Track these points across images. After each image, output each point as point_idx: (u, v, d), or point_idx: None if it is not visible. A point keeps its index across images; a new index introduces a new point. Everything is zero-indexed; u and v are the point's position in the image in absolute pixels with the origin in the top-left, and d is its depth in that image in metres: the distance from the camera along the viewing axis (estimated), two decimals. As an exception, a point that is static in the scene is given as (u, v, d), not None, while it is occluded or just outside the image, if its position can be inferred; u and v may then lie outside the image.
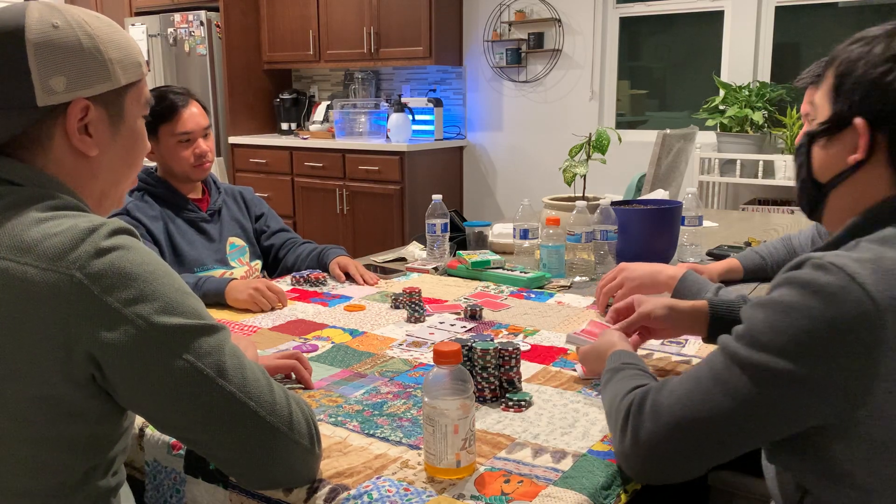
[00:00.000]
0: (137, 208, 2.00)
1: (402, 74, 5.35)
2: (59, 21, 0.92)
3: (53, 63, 0.91)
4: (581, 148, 2.25)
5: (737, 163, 4.01)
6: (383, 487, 0.99)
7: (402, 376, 1.38)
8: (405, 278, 2.13)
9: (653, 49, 4.63)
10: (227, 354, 0.92)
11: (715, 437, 0.93)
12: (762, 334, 0.89)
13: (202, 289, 1.85)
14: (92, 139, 0.96)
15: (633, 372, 1.12)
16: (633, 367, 1.13)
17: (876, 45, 0.95)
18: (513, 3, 4.78)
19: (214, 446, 0.93)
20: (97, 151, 0.96)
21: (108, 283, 0.85)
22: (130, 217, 1.97)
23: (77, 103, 0.93)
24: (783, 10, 4.11)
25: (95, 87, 0.94)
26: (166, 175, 2.09)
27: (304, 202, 5.18)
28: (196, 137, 2.05)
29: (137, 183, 2.06)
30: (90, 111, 0.94)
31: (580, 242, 2.05)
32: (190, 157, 2.04)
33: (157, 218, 2.02)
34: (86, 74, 0.93)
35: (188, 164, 2.05)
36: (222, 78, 5.37)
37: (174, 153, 2.04)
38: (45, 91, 0.91)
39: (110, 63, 0.95)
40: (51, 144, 0.94)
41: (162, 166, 2.09)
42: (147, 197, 2.04)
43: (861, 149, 0.96)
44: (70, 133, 0.94)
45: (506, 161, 5.04)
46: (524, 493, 0.97)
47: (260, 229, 2.26)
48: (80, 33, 0.93)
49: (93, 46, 0.94)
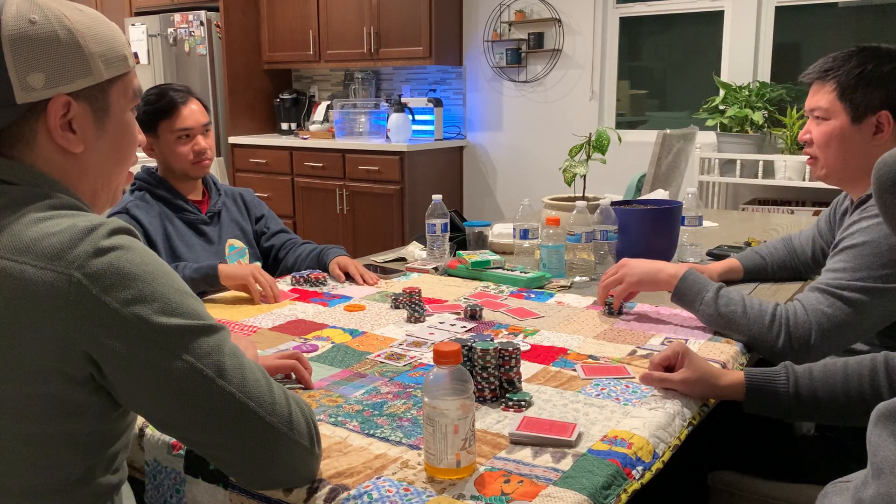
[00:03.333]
0: (137, 207, 2.00)
1: (402, 74, 5.35)
2: (36, 16, 0.90)
3: (30, 59, 0.89)
4: (581, 148, 2.25)
5: (737, 163, 4.01)
6: (383, 487, 0.99)
7: (402, 376, 1.38)
8: (405, 278, 2.13)
9: (653, 49, 4.63)
10: (227, 354, 0.92)
11: None
12: None
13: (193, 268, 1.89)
14: (76, 135, 0.94)
15: None
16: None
17: None
18: (513, 3, 4.78)
19: (214, 446, 0.93)
20: (82, 148, 0.95)
21: (107, 283, 0.85)
22: (129, 216, 1.97)
23: (57, 100, 0.91)
24: (783, 10, 4.11)
25: (76, 83, 0.92)
26: (166, 174, 2.10)
27: (304, 202, 5.18)
28: (195, 134, 2.06)
29: (137, 182, 2.07)
30: (72, 107, 0.92)
31: (580, 242, 2.05)
32: (189, 154, 2.05)
33: (155, 218, 2.02)
34: (65, 70, 0.91)
35: (187, 160, 2.05)
36: (222, 78, 5.37)
37: (173, 150, 2.04)
38: (24, 88, 0.89)
39: (91, 57, 0.93)
40: (36, 142, 0.93)
41: (162, 164, 2.10)
42: (147, 196, 2.05)
43: None
44: (52, 130, 0.92)
45: (506, 161, 5.04)
46: (524, 493, 0.97)
47: (260, 231, 2.26)
48: (57, 27, 0.91)
49: (71, 41, 0.91)
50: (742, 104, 3.95)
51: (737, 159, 3.99)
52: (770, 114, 4.00)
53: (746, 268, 1.96)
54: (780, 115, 3.98)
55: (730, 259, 1.99)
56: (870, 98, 1.50)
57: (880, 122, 1.51)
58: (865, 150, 1.53)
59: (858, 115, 1.51)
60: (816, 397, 1.24)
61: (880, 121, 1.51)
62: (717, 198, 4.22)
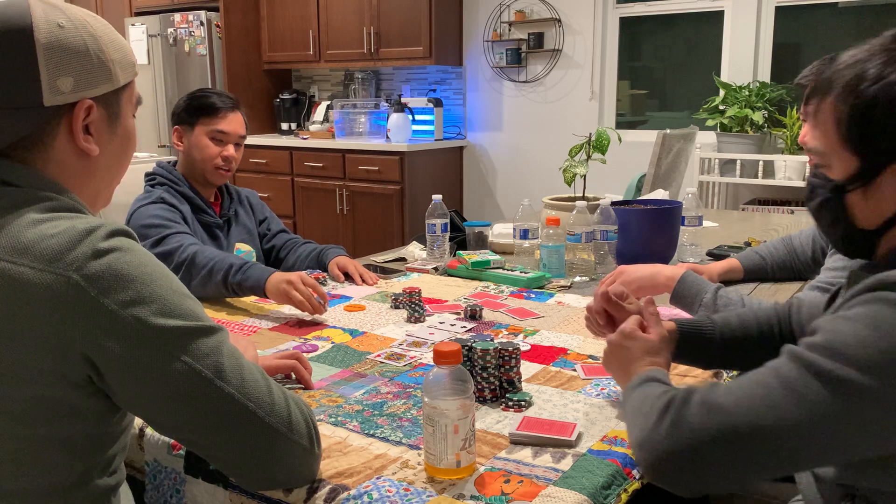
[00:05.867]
0: (172, 196, 2.00)
1: (402, 74, 5.35)
2: (63, 20, 0.92)
3: (62, 64, 0.91)
4: (581, 148, 2.25)
5: (737, 163, 4.01)
6: (383, 487, 0.99)
7: (402, 376, 1.38)
8: (405, 278, 2.13)
9: (653, 49, 4.63)
10: (226, 355, 0.92)
11: (774, 448, 0.83)
12: (848, 347, 0.82)
13: (244, 273, 1.77)
14: (93, 139, 0.96)
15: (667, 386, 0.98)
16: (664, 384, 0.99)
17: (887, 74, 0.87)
18: (513, 3, 4.78)
19: (214, 447, 0.93)
20: (99, 151, 0.97)
21: (106, 284, 0.85)
22: (166, 204, 1.97)
23: (82, 104, 0.94)
24: (783, 10, 4.11)
25: (99, 88, 0.95)
26: (186, 173, 2.10)
27: (304, 202, 5.18)
28: (229, 142, 2.08)
29: (157, 177, 2.06)
30: (93, 111, 0.95)
31: (580, 242, 2.05)
32: (217, 157, 2.06)
33: (186, 213, 2.02)
34: (91, 75, 0.94)
35: (212, 163, 2.06)
36: (222, 78, 5.37)
37: (204, 147, 2.05)
38: (52, 91, 0.91)
39: (112, 63, 0.96)
40: (53, 145, 0.94)
41: (185, 162, 2.10)
42: (173, 191, 2.04)
43: None
44: (75, 133, 0.94)
45: (506, 161, 5.04)
46: (524, 493, 0.97)
47: (262, 232, 2.27)
48: (84, 34, 0.93)
49: (97, 47, 0.94)
50: (742, 104, 3.95)
51: (737, 159, 3.99)
52: (770, 114, 4.00)
53: (746, 268, 1.96)
54: (780, 116, 3.98)
55: (729, 259, 1.99)
56: None
57: None
58: None
59: None
60: (737, 344, 1.22)
61: None
62: (717, 198, 4.22)
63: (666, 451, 0.86)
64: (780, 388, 0.84)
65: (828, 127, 0.94)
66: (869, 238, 0.95)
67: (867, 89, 0.89)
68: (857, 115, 0.90)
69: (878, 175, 0.91)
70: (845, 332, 0.84)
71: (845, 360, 0.82)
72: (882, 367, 0.80)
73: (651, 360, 1.05)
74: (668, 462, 0.86)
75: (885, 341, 0.81)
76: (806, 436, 0.82)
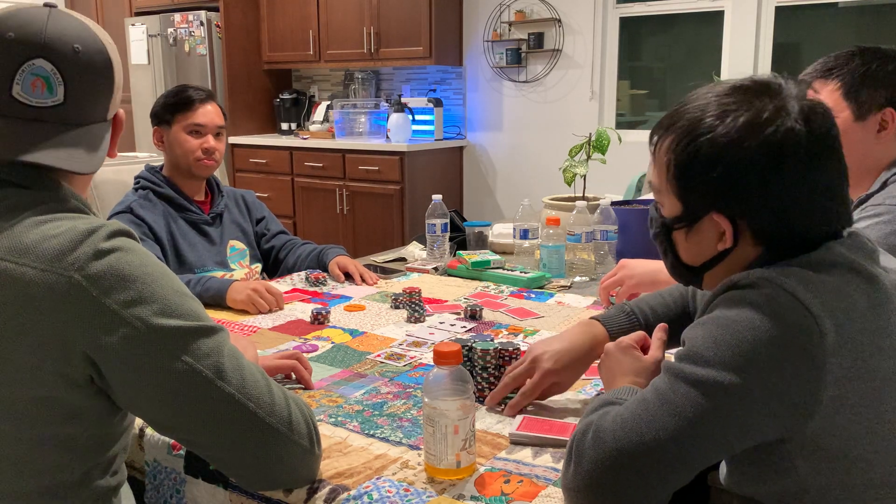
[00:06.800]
0: (141, 206, 2.00)
1: (402, 74, 5.35)
2: (107, 41, 0.98)
3: (120, 81, 1.00)
4: (581, 148, 2.25)
5: (737, 163, 4.00)
6: (383, 488, 0.99)
7: (402, 376, 1.38)
8: (405, 278, 2.13)
9: (653, 49, 4.63)
10: (226, 356, 0.92)
11: (662, 460, 0.87)
12: (706, 350, 0.87)
13: (204, 285, 1.85)
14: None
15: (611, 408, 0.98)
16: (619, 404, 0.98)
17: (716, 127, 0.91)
18: (513, 3, 4.78)
19: (214, 448, 0.93)
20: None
21: (107, 284, 0.85)
22: (134, 215, 1.97)
23: (119, 114, 1.02)
24: (783, 10, 4.11)
25: (119, 96, 1.01)
26: (171, 172, 2.11)
27: (304, 202, 5.18)
28: (207, 133, 2.09)
29: (140, 180, 2.08)
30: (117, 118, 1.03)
31: (580, 242, 2.05)
32: (197, 150, 2.06)
33: (160, 217, 2.02)
34: (120, 86, 1.01)
35: (193, 156, 2.06)
36: (222, 78, 5.37)
37: (183, 142, 2.06)
38: (114, 106, 0.99)
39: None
40: None
41: (168, 160, 2.11)
42: (151, 195, 2.05)
43: (728, 239, 0.94)
44: (114, 141, 1.01)
45: (506, 161, 5.04)
46: (524, 494, 0.97)
47: (260, 232, 2.27)
48: (111, 53, 0.99)
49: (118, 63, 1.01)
50: (742, 104, 3.94)
51: (737, 159, 3.99)
52: (770, 114, 3.99)
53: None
54: (780, 115, 3.98)
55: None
56: (875, 96, 1.51)
57: (884, 119, 1.52)
58: (867, 148, 1.54)
59: (863, 112, 1.53)
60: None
61: (884, 118, 1.52)
62: (717, 198, 4.22)
63: (577, 489, 0.91)
64: (656, 401, 0.89)
65: (661, 167, 0.98)
66: (693, 272, 1.02)
67: (693, 141, 0.93)
68: (681, 166, 0.94)
69: (698, 221, 0.96)
70: (702, 335, 0.89)
71: (705, 363, 0.87)
72: (736, 361, 0.85)
73: (634, 379, 1.07)
74: (584, 500, 0.90)
75: (735, 337, 0.86)
76: (685, 441, 0.87)
